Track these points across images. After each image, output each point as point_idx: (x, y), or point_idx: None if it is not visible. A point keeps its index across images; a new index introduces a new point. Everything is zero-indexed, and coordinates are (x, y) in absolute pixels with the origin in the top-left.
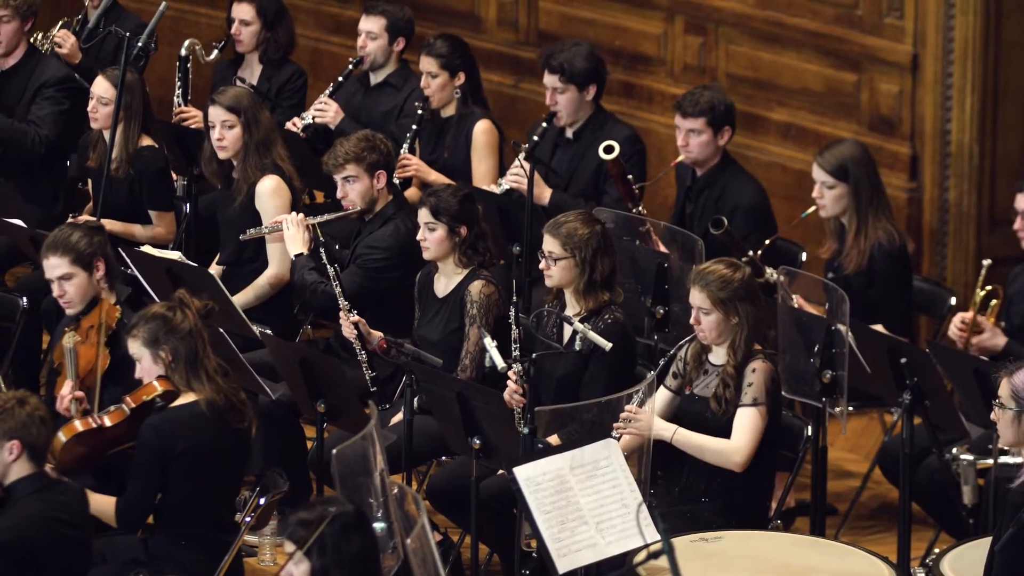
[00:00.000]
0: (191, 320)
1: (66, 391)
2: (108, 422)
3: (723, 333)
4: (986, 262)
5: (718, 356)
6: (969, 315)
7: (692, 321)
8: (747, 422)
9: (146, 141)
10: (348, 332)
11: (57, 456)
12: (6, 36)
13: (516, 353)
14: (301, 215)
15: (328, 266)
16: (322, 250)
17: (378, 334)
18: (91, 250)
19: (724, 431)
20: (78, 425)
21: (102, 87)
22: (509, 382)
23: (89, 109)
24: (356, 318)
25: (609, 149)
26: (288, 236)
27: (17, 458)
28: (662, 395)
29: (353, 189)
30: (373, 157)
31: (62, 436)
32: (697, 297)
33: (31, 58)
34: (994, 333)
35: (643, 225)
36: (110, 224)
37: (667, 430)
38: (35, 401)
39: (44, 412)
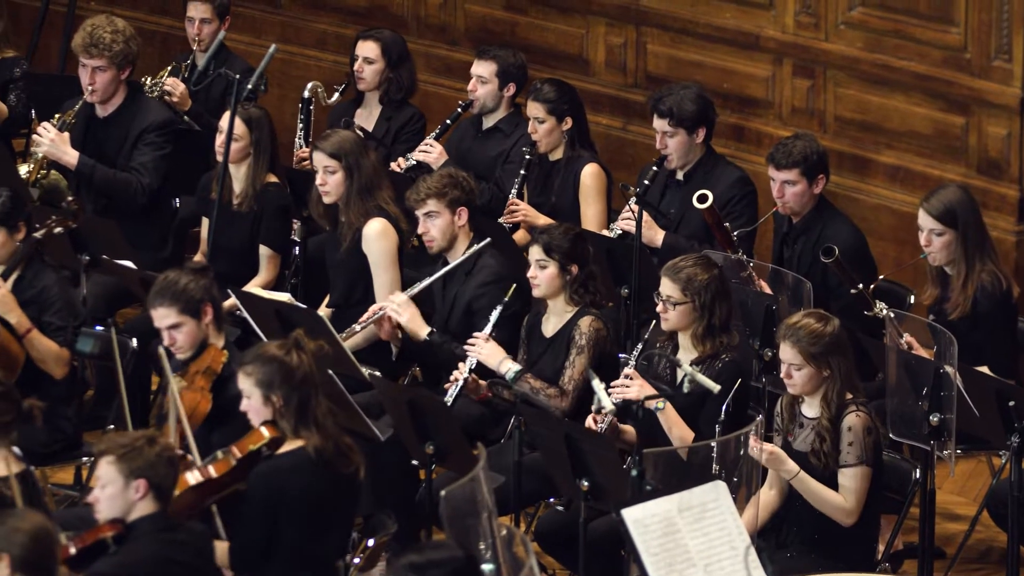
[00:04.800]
0: (306, 365)
1: None
2: (214, 473)
3: (816, 387)
4: None
5: (811, 408)
6: None
7: (783, 375)
8: (855, 484)
9: (270, 178)
10: (458, 377)
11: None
12: (102, 85)
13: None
14: (405, 296)
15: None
16: None
17: (483, 383)
18: (199, 296)
19: (828, 484)
20: (190, 479)
21: (235, 125)
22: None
23: (217, 145)
24: (470, 376)
25: (703, 198)
26: (407, 322)
27: (143, 497)
28: None
29: (434, 225)
30: (455, 193)
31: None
32: (788, 353)
33: (131, 104)
34: None
35: (744, 269)
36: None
37: (790, 472)
38: (164, 441)
39: (172, 453)
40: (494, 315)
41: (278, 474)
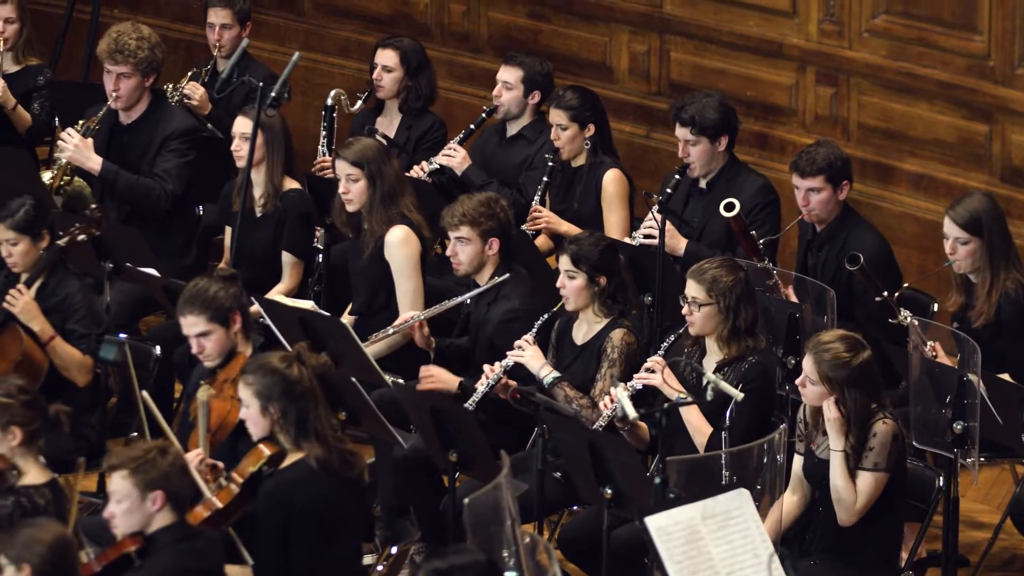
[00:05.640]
0: (307, 380)
1: (193, 456)
2: (219, 503)
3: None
4: None
5: None
6: None
7: (798, 382)
8: (867, 488)
9: (291, 183)
10: (491, 372)
11: None
12: (126, 91)
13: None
14: (432, 340)
15: None
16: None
17: (512, 383)
18: (228, 304)
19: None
20: (201, 513)
21: (244, 125)
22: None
23: (233, 148)
24: (503, 377)
25: (730, 207)
26: (440, 384)
27: (160, 508)
28: (797, 461)
29: (464, 251)
30: (489, 224)
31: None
32: (808, 365)
33: (155, 111)
34: None
35: (770, 278)
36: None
37: (838, 443)
38: (176, 451)
39: (185, 462)
40: (540, 321)
41: (284, 489)
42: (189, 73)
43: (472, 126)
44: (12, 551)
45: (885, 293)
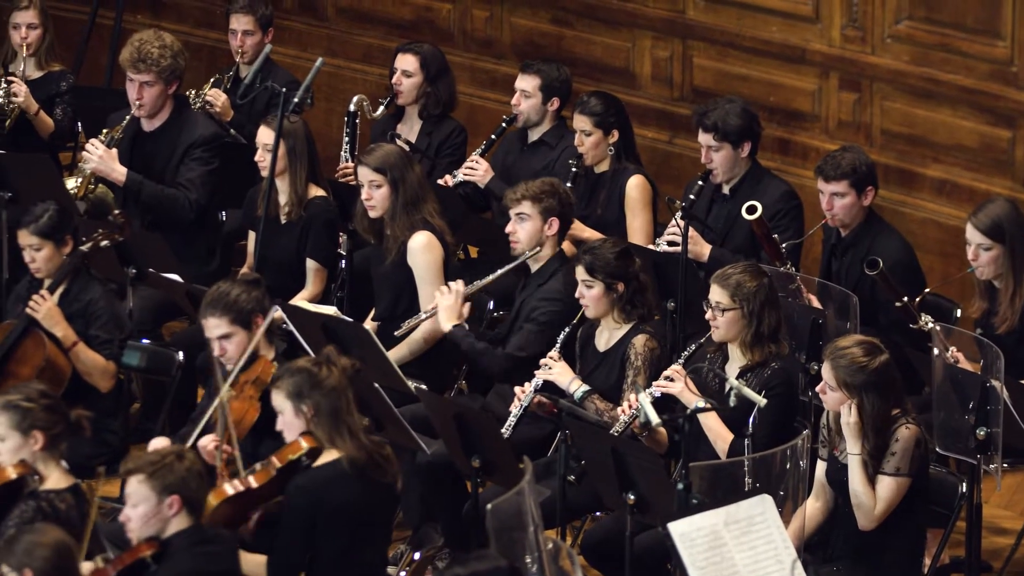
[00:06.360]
0: (336, 377)
1: (205, 441)
2: (254, 483)
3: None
4: None
5: None
6: None
7: (818, 389)
8: (887, 493)
9: (316, 190)
10: (521, 394)
11: (206, 517)
12: (149, 100)
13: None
14: (460, 286)
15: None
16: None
17: (547, 401)
18: (250, 307)
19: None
20: (228, 489)
21: (268, 136)
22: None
23: (257, 159)
24: (535, 397)
25: (752, 209)
26: (443, 306)
27: (177, 513)
28: (820, 467)
29: (523, 228)
30: (550, 202)
31: (212, 500)
32: (825, 371)
33: (178, 118)
34: None
35: (792, 282)
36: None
37: (856, 447)
38: (192, 456)
39: (201, 467)
40: (562, 336)
41: (315, 486)
42: (212, 79)
43: (493, 136)
44: (14, 559)
45: (905, 298)
